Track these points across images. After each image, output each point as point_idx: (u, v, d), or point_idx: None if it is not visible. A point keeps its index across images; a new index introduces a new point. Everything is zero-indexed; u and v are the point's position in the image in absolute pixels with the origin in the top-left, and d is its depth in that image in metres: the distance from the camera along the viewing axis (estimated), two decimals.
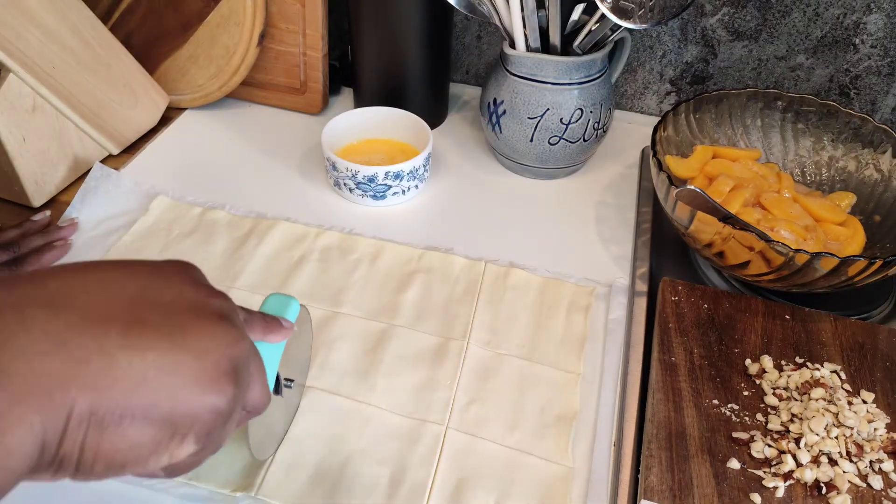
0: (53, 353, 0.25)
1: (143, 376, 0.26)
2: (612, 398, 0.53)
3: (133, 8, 0.77)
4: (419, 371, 0.54)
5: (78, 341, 0.26)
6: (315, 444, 0.49)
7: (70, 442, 0.26)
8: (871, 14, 0.71)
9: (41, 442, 0.25)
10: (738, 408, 0.50)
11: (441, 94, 0.82)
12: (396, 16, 0.72)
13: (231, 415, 0.30)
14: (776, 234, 0.58)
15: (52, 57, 0.65)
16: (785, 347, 0.55)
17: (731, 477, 0.46)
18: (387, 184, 0.68)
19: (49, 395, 0.24)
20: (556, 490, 0.47)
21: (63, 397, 0.25)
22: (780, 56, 0.77)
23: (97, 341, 0.26)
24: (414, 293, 0.60)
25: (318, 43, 0.77)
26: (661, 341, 0.55)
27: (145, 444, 0.27)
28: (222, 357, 0.29)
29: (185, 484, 0.46)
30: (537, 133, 0.69)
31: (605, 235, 0.68)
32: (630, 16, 0.60)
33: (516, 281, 0.62)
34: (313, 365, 0.54)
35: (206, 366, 0.28)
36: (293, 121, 0.82)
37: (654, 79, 0.83)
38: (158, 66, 0.79)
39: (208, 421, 0.29)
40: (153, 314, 0.28)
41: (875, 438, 0.48)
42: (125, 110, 0.73)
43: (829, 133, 0.68)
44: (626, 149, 0.80)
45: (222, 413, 0.29)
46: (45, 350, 0.25)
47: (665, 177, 0.58)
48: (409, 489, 0.46)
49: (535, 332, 0.58)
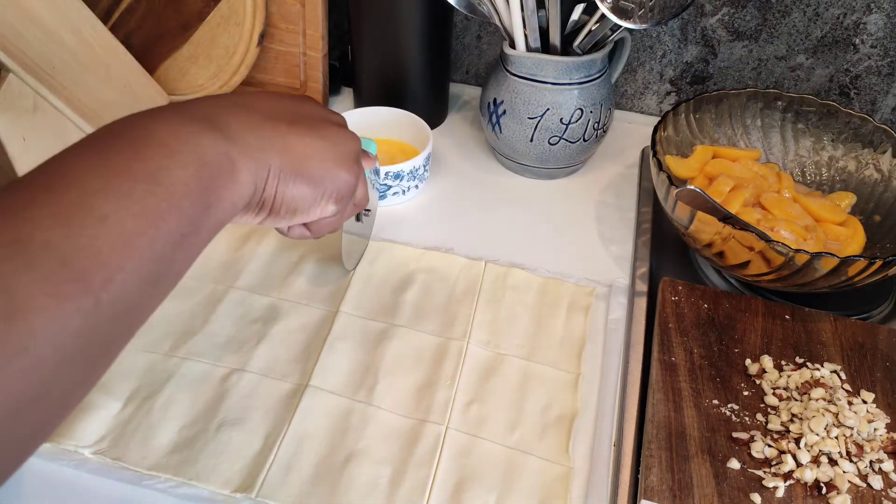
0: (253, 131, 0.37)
1: (306, 151, 0.40)
2: (612, 398, 0.53)
3: (133, 8, 0.77)
4: (419, 371, 0.54)
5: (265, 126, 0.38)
6: (315, 444, 0.49)
7: (269, 189, 0.38)
8: (871, 14, 0.71)
9: (254, 183, 0.37)
10: (738, 408, 0.50)
11: (441, 94, 0.82)
12: (396, 16, 0.72)
13: (355, 189, 0.44)
14: (776, 234, 0.58)
15: (52, 57, 0.65)
16: (785, 347, 0.55)
17: (731, 477, 0.46)
18: (387, 184, 0.68)
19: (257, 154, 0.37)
20: (556, 490, 0.47)
21: (264, 157, 0.37)
22: (780, 56, 0.77)
23: (276, 129, 0.39)
24: (414, 293, 0.60)
25: (318, 43, 0.77)
26: (661, 341, 0.55)
27: (307, 197, 0.41)
28: (349, 148, 0.43)
29: (185, 484, 0.46)
30: (537, 133, 0.69)
31: (605, 235, 0.68)
32: (630, 16, 0.60)
33: (516, 281, 0.62)
34: (314, 364, 0.54)
35: (341, 151, 0.42)
36: None
37: (654, 79, 0.83)
38: (158, 66, 0.79)
39: (342, 189, 0.43)
40: (303, 119, 0.41)
41: (875, 438, 0.48)
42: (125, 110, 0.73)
43: (829, 133, 0.68)
44: (626, 149, 0.80)
45: (351, 186, 0.43)
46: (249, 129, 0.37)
47: (665, 177, 0.58)
48: (409, 489, 0.46)
49: (535, 332, 0.58)
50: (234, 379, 0.53)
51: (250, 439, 0.49)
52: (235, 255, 0.63)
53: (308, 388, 0.52)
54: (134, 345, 0.54)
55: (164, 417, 0.50)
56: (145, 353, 0.54)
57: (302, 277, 0.61)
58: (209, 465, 0.47)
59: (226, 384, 0.52)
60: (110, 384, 0.51)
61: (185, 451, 0.48)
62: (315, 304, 0.59)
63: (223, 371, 0.53)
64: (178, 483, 0.46)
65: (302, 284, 0.61)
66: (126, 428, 0.49)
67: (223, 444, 0.48)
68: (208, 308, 0.58)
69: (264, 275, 0.61)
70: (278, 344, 0.56)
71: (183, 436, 0.49)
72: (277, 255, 0.63)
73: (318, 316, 0.58)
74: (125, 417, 0.49)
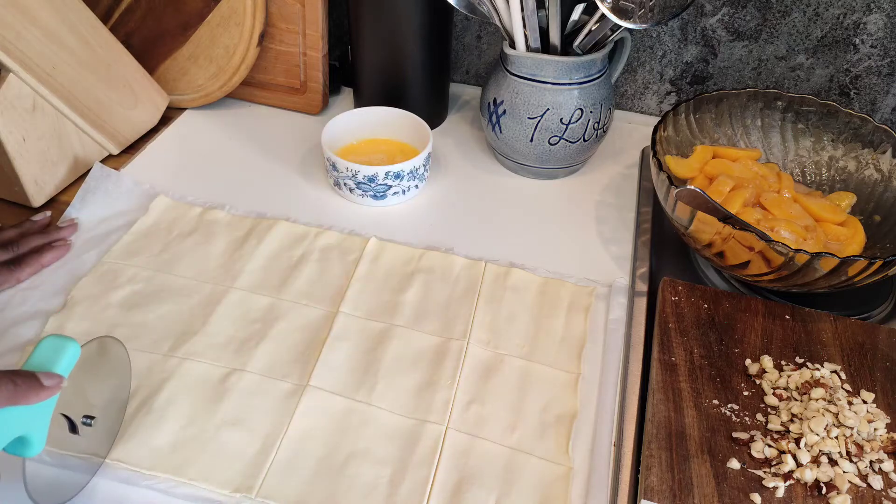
0: None
1: None
2: (612, 398, 0.53)
3: (133, 8, 0.77)
4: (419, 371, 0.54)
5: None
6: (315, 444, 0.49)
7: None
8: (871, 14, 0.71)
9: None
10: (738, 408, 0.50)
11: (441, 94, 0.82)
12: (396, 16, 0.72)
13: None
14: (776, 234, 0.58)
15: (52, 57, 0.65)
16: (785, 347, 0.55)
17: (731, 477, 0.46)
18: (387, 184, 0.68)
19: None
20: (556, 490, 0.47)
21: None
22: (780, 56, 0.77)
23: None
24: (414, 293, 0.60)
25: (318, 43, 0.77)
26: (661, 341, 0.55)
27: None
28: None
29: (185, 484, 0.46)
30: (537, 133, 0.69)
31: (605, 235, 0.68)
32: (630, 16, 0.60)
33: (516, 281, 0.62)
34: (314, 364, 0.54)
35: None
36: (293, 121, 0.82)
37: (654, 79, 0.83)
38: (158, 66, 0.79)
39: None
40: None
41: (875, 438, 0.48)
42: (125, 110, 0.73)
43: (829, 133, 0.68)
44: (626, 149, 0.80)
45: None
46: None
47: (665, 177, 0.58)
48: (409, 489, 0.46)
49: (535, 332, 0.58)
50: (234, 379, 0.53)
51: (250, 439, 0.49)
52: (235, 255, 0.63)
53: (308, 388, 0.52)
54: (134, 345, 0.54)
55: (164, 417, 0.50)
56: (145, 354, 0.54)
57: (302, 277, 0.61)
58: (209, 465, 0.47)
59: (226, 384, 0.52)
60: None
61: (185, 451, 0.48)
62: (315, 304, 0.59)
63: (223, 371, 0.53)
64: (178, 483, 0.46)
65: (302, 284, 0.61)
66: (126, 428, 0.49)
67: (223, 444, 0.48)
68: (208, 308, 0.58)
69: (264, 275, 0.61)
70: (278, 344, 0.56)
71: (183, 436, 0.49)
72: (277, 255, 0.63)
73: (318, 316, 0.58)
74: (125, 417, 0.49)
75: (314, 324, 0.57)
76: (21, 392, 0.37)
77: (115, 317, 0.57)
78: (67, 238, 0.63)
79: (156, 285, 0.59)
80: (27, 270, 0.59)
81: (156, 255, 0.62)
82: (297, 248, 0.64)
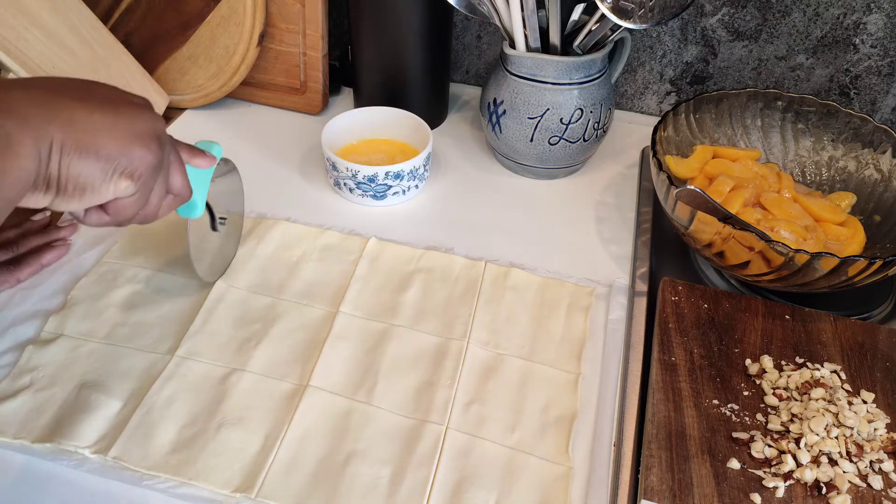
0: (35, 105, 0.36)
1: (94, 126, 0.38)
2: (612, 398, 0.53)
3: (133, 8, 0.77)
4: (419, 371, 0.54)
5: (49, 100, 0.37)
6: (315, 444, 0.49)
7: (53, 164, 0.37)
8: (871, 14, 0.71)
9: (37, 158, 0.36)
10: (738, 408, 0.50)
11: (441, 94, 0.82)
12: (396, 16, 0.72)
13: (157, 171, 0.42)
14: (776, 234, 0.58)
15: (52, 57, 0.65)
16: (785, 347, 0.55)
17: (731, 477, 0.46)
18: (387, 184, 0.68)
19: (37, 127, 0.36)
20: (556, 490, 0.47)
21: (45, 130, 0.36)
22: (780, 56, 0.77)
23: (60, 103, 0.38)
24: (414, 293, 0.60)
25: (318, 43, 0.77)
26: (661, 341, 0.55)
27: (95, 173, 0.38)
28: (148, 126, 0.41)
29: (185, 484, 0.46)
30: (537, 133, 0.69)
31: (605, 235, 0.68)
32: (630, 16, 0.60)
33: (516, 281, 0.62)
34: (314, 364, 0.54)
35: (137, 128, 0.40)
36: (293, 121, 0.82)
37: (654, 79, 0.83)
38: (158, 66, 0.79)
39: (137, 167, 0.40)
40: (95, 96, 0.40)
41: (875, 438, 0.48)
42: None
43: (829, 133, 0.68)
44: (626, 149, 0.80)
45: (149, 164, 0.41)
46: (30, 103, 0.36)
47: (665, 177, 0.58)
48: (409, 489, 0.47)
49: (535, 333, 0.58)
50: (234, 379, 0.53)
51: (250, 439, 0.49)
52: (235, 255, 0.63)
53: (308, 388, 0.52)
54: (134, 345, 0.54)
55: (164, 417, 0.50)
56: (145, 353, 0.54)
57: (302, 277, 0.61)
58: (209, 465, 0.47)
59: (226, 384, 0.52)
60: (110, 384, 0.51)
61: (185, 451, 0.48)
62: (315, 304, 0.59)
63: (223, 371, 0.53)
64: (178, 483, 0.46)
65: (302, 284, 0.61)
66: (126, 428, 0.49)
67: (223, 444, 0.48)
68: (208, 308, 0.58)
69: (264, 275, 0.61)
70: (278, 344, 0.56)
71: (183, 436, 0.49)
72: (277, 255, 0.63)
73: (318, 316, 0.58)
74: (125, 417, 0.49)
75: (314, 324, 0.57)
76: (195, 154, 0.49)
77: (115, 317, 0.57)
78: (67, 238, 0.63)
79: (156, 285, 0.59)
80: (27, 270, 0.59)
81: (156, 255, 0.62)
82: (297, 248, 0.64)
